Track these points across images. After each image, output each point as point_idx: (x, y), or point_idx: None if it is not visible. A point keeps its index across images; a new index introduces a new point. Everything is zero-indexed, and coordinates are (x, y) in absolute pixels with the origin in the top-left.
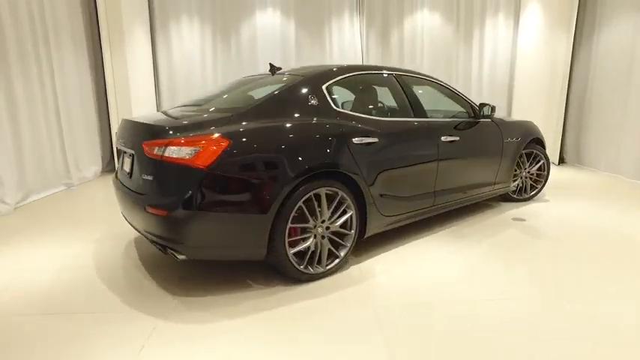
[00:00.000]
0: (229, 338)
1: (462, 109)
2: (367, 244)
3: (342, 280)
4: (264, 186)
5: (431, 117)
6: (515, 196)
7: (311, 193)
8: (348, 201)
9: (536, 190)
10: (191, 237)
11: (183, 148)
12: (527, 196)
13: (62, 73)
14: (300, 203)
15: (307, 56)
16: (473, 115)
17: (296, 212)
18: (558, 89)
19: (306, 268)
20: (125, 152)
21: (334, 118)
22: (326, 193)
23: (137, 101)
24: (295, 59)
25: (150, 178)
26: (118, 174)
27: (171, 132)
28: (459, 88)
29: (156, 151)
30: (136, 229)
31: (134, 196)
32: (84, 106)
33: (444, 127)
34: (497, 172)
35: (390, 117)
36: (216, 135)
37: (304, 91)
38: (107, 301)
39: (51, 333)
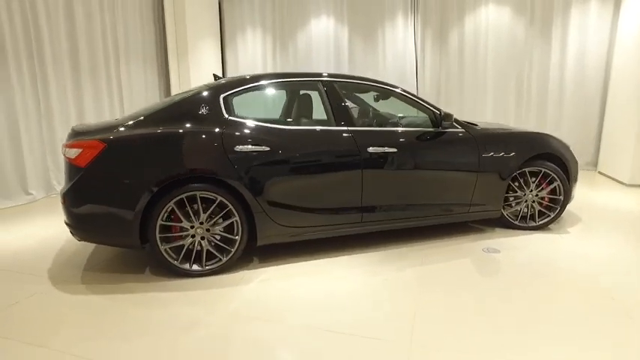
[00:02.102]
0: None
1: (426, 117)
2: (282, 252)
3: (213, 281)
4: (133, 185)
5: (366, 126)
6: (517, 222)
7: (183, 196)
8: (230, 206)
9: (547, 217)
10: (78, 223)
11: (73, 149)
12: (534, 224)
13: (129, 84)
14: (172, 204)
15: (360, 61)
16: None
17: (169, 212)
18: None
19: (182, 263)
20: None
21: (221, 127)
22: (206, 197)
23: None
24: (348, 64)
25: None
26: None
27: (74, 136)
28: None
29: (64, 151)
30: None
31: None
32: None
33: (375, 137)
34: (474, 191)
35: (299, 125)
36: (93, 139)
37: (199, 100)
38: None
39: None
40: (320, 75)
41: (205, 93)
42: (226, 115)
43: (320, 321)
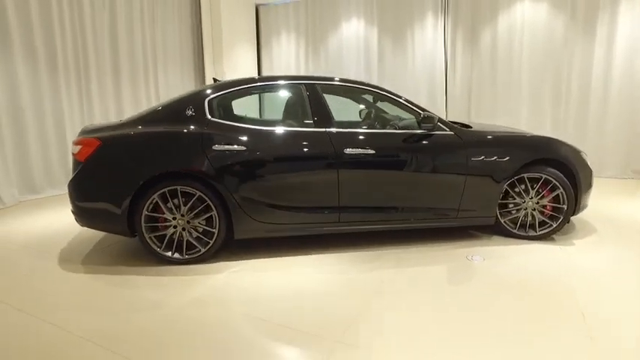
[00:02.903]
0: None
1: (413, 119)
2: (262, 247)
3: (190, 269)
4: (122, 179)
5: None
6: (516, 231)
7: (165, 190)
8: (208, 201)
9: (548, 227)
10: (78, 211)
11: (76, 146)
12: (534, 234)
13: (167, 89)
14: (156, 197)
15: (389, 62)
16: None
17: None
18: None
19: (165, 251)
20: None
21: (203, 127)
22: (187, 192)
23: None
24: (378, 66)
25: None
26: None
27: (81, 134)
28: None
29: (72, 147)
30: None
31: None
32: None
33: (352, 138)
34: (462, 196)
35: (279, 126)
36: (91, 137)
37: (187, 103)
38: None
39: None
40: (304, 78)
41: (193, 96)
42: (209, 117)
43: (263, 312)
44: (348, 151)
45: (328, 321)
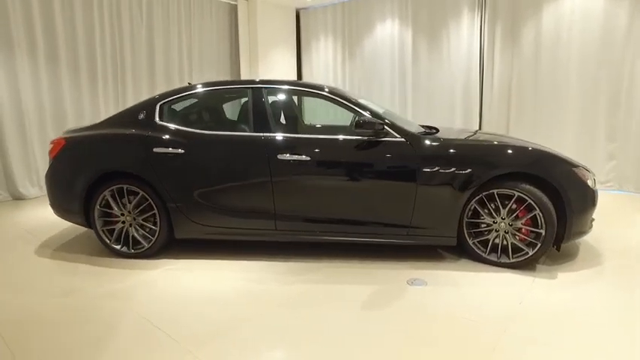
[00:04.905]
0: (36, 261)
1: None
2: (209, 248)
3: (131, 262)
4: (77, 175)
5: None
6: (486, 256)
7: (113, 188)
8: (150, 200)
9: (523, 255)
10: (50, 202)
11: (50, 145)
12: (506, 261)
13: None
14: (106, 193)
15: (424, 63)
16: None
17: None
18: None
19: (115, 244)
20: None
21: (150, 131)
22: (134, 191)
23: None
24: (412, 67)
25: None
26: None
27: (61, 134)
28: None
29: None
30: None
31: None
32: None
33: (286, 144)
34: (413, 211)
35: (219, 130)
36: (59, 137)
37: (141, 107)
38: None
39: None
40: (252, 82)
41: (149, 100)
42: (158, 120)
43: (154, 312)
44: (281, 157)
45: (205, 329)
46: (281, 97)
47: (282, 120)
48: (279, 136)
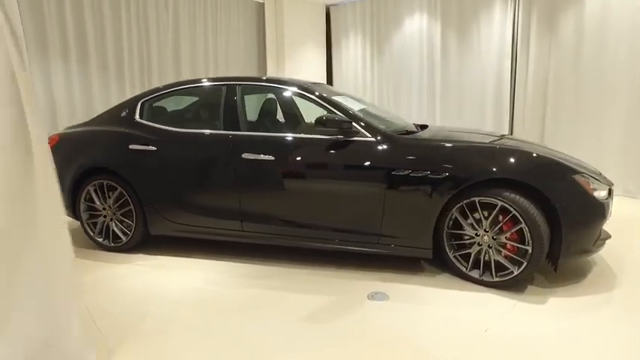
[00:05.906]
0: None
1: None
2: (185, 246)
3: (107, 255)
4: (65, 171)
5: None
6: (468, 272)
7: (95, 183)
8: (127, 196)
9: (509, 274)
10: None
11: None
12: (490, 279)
13: None
14: (89, 188)
15: (453, 56)
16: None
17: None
18: None
19: (97, 236)
20: None
21: (128, 128)
22: (113, 186)
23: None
24: (441, 63)
25: None
26: None
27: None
28: None
29: None
30: None
31: None
32: None
33: (252, 142)
34: (382, 219)
35: (193, 128)
36: (55, 134)
37: (124, 105)
38: None
39: None
40: (228, 79)
41: (133, 98)
42: (137, 118)
43: (97, 308)
44: (246, 156)
45: (127, 328)
46: (255, 94)
47: (254, 118)
48: (247, 134)
